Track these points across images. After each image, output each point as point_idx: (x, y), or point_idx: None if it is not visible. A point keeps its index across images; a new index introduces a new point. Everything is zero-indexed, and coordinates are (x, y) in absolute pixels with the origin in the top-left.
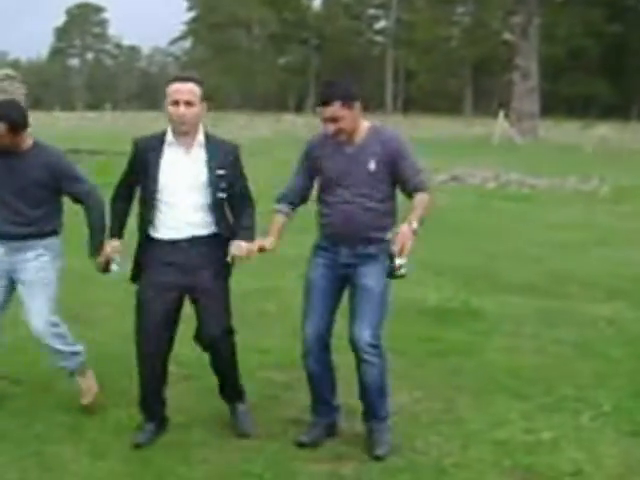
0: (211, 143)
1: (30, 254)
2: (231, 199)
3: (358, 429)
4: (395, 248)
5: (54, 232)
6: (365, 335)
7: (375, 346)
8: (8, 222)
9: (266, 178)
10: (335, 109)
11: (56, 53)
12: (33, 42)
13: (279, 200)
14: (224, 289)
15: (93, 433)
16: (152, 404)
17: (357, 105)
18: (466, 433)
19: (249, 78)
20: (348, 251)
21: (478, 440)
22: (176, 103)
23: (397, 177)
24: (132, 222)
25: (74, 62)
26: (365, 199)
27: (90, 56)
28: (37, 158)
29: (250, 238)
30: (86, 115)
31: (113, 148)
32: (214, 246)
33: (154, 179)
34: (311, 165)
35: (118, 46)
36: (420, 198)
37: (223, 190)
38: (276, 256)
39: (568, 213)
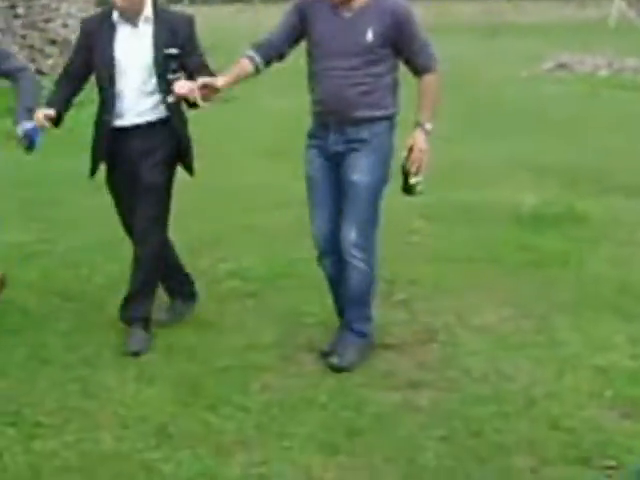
0: (160, 18)
1: None
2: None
3: (434, 354)
4: (412, 168)
5: None
6: (351, 236)
7: (361, 248)
8: None
9: None
10: None
11: None
12: None
13: (253, 47)
14: (165, 181)
15: (142, 357)
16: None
17: None
18: (562, 358)
19: None
20: (338, 136)
21: (575, 366)
22: None
23: (401, 51)
24: None
25: None
26: (358, 72)
27: None
28: None
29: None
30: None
31: None
32: (162, 134)
33: (105, 59)
34: (298, 23)
35: None
36: (426, 85)
37: (175, 71)
38: None
39: None
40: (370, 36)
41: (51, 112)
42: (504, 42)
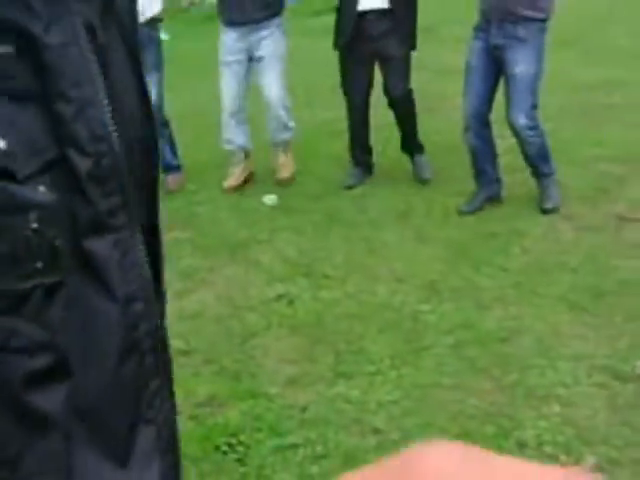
0: None
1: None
2: None
3: None
4: None
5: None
6: (521, 121)
7: (531, 127)
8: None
9: None
10: None
11: None
12: None
13: None
14: (406, 56)
15: (419, 219)
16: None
17: None
18: None
19: None
20: (497, 30)
21: None
22: None
23: None
24: None
25: None
26: None
27: None
28: None
29: None
30: None
31: None
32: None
33: None
34: None
35: None
36: None
37: None
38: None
39: None
40: None
41: None
42: None
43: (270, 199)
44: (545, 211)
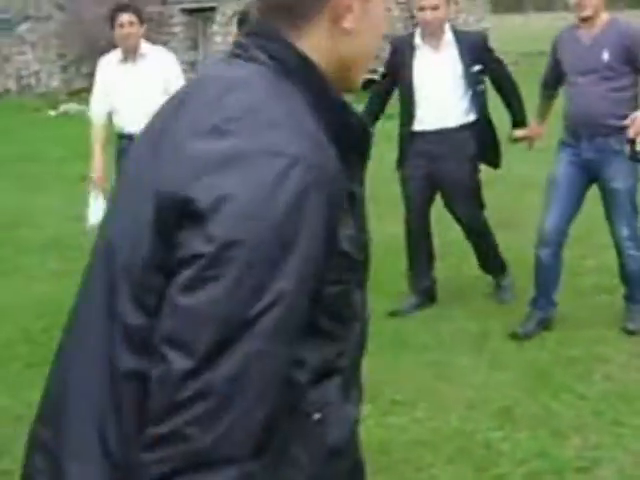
0: (459, 38)
1: None
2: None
3: None
4: (631, 131)
5: None
6: (623, 233)
7: (633, 239)
8: None
9: None
10: None
11: None
12: None
13: (542, 86)
14: (471, 176)
15: (496, 343)
16: (418, 278)
17: None
18: None
19: None
20: (588, 144)
21: None
22: (422, 9)
23: (636, 66)
24: None
25: None
26: (600, 88)
27: None
28: None
29: (522, 118)
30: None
31: None
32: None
33: (408, 79)
34: (555, 56)
35: None
36: None
37: (479, 83)
38: None
39: None
40: (606, 57)
41: None
42: None
43: None
44: (628, 332)
